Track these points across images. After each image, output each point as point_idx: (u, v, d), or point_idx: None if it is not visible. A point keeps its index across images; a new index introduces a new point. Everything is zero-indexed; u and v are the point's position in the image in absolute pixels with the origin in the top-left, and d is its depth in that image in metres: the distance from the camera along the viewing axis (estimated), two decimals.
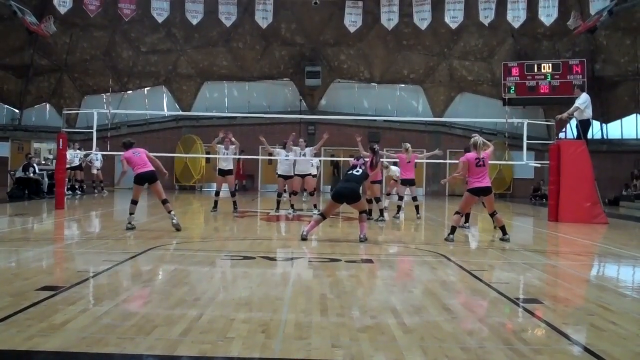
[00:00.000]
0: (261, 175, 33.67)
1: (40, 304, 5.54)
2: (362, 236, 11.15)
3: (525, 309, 5.98)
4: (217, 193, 17.87)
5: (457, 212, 11.74)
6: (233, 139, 17.51)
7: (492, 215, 12.19)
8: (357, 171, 11.50)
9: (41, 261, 8.60)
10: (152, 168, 12.65)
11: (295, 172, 17.39)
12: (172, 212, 12.11)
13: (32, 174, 22.02)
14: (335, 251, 9.86)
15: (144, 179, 12.69)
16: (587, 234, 13.78)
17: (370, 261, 8.81)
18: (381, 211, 15.71)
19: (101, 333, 4.70)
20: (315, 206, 17.42)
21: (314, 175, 18.90)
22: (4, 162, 32.00)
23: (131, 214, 12.34)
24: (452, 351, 4.48)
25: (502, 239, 11.64)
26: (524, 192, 31.47)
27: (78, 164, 24.81)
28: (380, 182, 16.43)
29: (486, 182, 11.64)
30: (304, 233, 11.06)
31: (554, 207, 16.72)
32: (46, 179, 22.97)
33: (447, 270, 8.18)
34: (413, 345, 4.57)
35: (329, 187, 32.31)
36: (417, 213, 16.79)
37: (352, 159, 12.14)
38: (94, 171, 26.17)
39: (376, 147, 14.02)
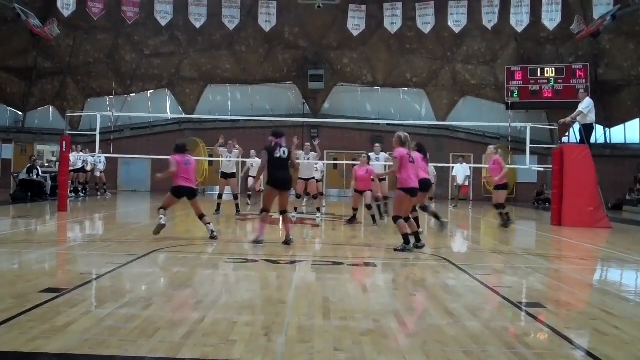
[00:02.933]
0: (264, 179, 33.62)
1: (42, 306, 5.54)
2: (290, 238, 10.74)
3: (528, 313, 5.97)
4: (220, 196, 17.88)
5: (395, 217, 10.33)
6: (237, 146, 17.58)
7: (423, 208, 12.48)
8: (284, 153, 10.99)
9: (44, 263, 8.61)
10: (194, 185, 11.99)
11: (299, 176, 17.37)
12: (210, 225, 11.53)
13: (35, 177, 22.05)
14: (338, 254, 9.85)
15: (184, 194, 11.53)
16: (590, 239, 13.76)
17: (373, 264, 8.81)
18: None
19: (104, 335, 4.70)
20: (318, 209, 17.39)
21: (318, 180, 19.05)
22: (7, 164, 32.06)
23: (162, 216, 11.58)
24: (455, 355, 4.47)
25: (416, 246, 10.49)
26: (527, 196, 31.40)
27: (81, 166, 24.84)
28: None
29: (416, 182, 10.55)
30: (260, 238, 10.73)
31: (557, 211, 16.69)
32: (49, 181, 22.98)
33: (449, 274, 8.17)
34: (415, 349, 4.57)
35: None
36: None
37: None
38: (97, 174, 26.21)
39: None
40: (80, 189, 24.94)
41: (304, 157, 17.31)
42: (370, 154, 16.65)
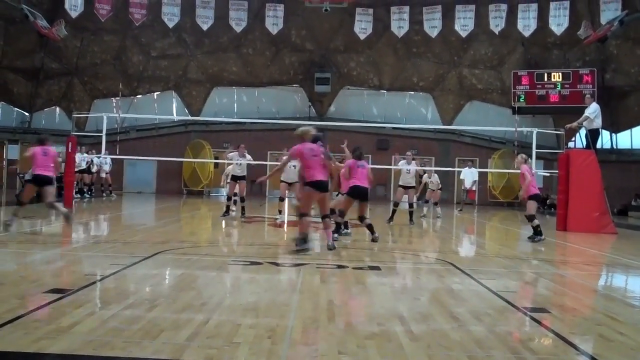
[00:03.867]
0: (269, 181, 33.64)
1: (47, 307, 5.55)
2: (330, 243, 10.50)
3: (532, 318, 5.96)
4: (229, 198, 17.87)
5: (302, 214, 10.45)
6: (247, 155, 17.63)
7: (335, 211, 11.93)
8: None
9: (49, 264, 8.62)
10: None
11: (283, 179, 17.33)
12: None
13: None
14: (343, 258, 9.85)
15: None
16: (595, 244, 13.72)
17: (377, 268, 8.79)
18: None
19: (108, 336, 4.70)
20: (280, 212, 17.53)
21: None
22: (13, 164, 32.12)
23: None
24: (459, 359, 4.46)
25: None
26: None
27: (86, 167, 24.88)
28: None
29: (322, 177, 10.48)
30: (330, 244, 10.48)
31: (562, 217, 16.65)
32: (55, 182, 22.97)
33: (454, 278, 8.16)
34: (420, 353, 4.56)
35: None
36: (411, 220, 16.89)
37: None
38: (103, 175, 26.26)
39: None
40: (85, 190, 24.97)
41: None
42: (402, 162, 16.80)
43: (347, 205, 12.27)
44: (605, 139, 30.45)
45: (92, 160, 24.90)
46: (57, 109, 34.36)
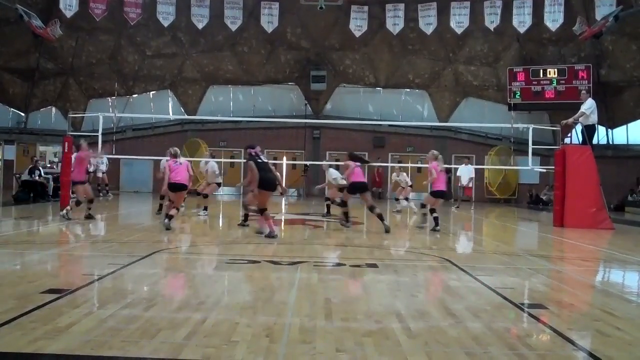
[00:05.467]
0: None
1: (44, 307, 5.54)
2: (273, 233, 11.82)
3: (530, 314, 5.96)
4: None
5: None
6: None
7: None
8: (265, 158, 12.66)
9: (46, 264, 8.61)
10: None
11: None
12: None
13: (37, 177, 22.07)
14: (340, 255, 9.85)
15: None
16: (592, 240, 13.74)
17: (374, 265, 8.79)
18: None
19: (105, 336, 4.70)
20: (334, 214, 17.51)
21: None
22: (9, 165, 32.12)
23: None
24: (457, 356, 4.46)
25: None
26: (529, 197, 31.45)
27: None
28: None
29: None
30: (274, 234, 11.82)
31: (559, 213, 16.66)
32: (51, 182, 23.00)
33: (451, 275, 8.16)
34: (418, 350, 4.56)
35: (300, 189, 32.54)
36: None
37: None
38: (100, 174, 26.21)
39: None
40: None
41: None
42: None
43: (347, 196, 14.45)
44: (601, 135, 30.47)
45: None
46: (53, 109, 34.32)
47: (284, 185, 13.33)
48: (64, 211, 14.69)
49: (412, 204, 21.60)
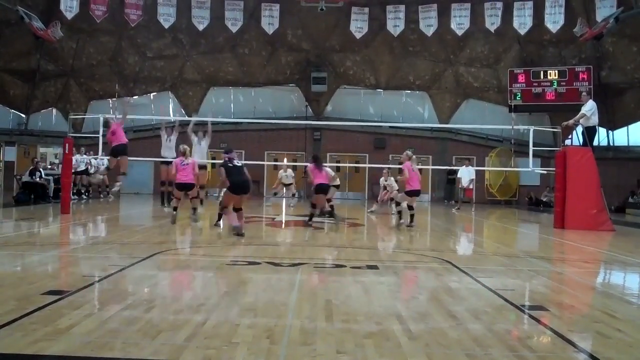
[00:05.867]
0: (266, 181, 33.62)
1: (45, 308, 5.54)
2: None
3: (530, 316, 5.96)
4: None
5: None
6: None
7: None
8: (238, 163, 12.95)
9: (47, 265, 8.61)
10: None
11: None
12: None
13: (38, 179, 22.06)
14: (341, 257, 9.85)
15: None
16: (593, 241, 13.73)
17: (375, 267, 8.78)
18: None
19: (106, 338, 4.70)
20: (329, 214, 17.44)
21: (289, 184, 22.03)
22: (10, 166, 32.12)
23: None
24: (458, 358, 4.46)
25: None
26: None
27: (84, 168, 24.84)
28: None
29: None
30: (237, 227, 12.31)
31: (559, 214, 16.64)
32: (52, 184, 22.99)
33: (452, 276, 8.16)
34: (418, 352, 4.56)
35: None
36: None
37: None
38: (100, 176, 26.21)
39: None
40: (83, 191, 24.95)
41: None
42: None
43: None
44: (601, 136, 30.47)
45: (90, 162, 24.87)
46: (54, 110, 34.32)
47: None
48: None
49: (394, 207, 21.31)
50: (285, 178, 23.23)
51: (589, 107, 16.94)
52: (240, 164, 12.88)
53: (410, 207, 15.41)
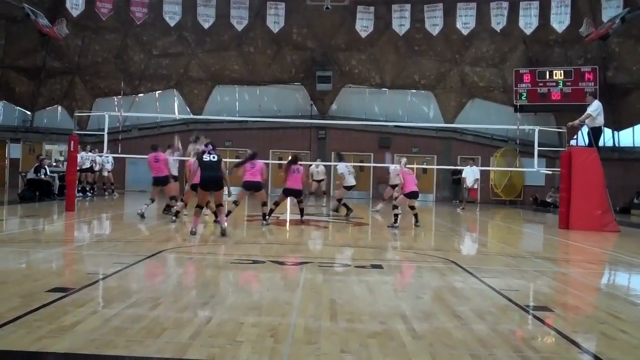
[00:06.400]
0: (271, 180, 33.58)
1: (50, 306, 5.55)
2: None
3: (535, 317, 5.95)
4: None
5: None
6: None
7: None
8: (214, 157, 12.19)
9: (51, 263, 8.63)
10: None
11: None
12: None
13: (43, 176, 22.10)
14: (345, 256, 9.85)
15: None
16: (598, 242, 13.71)
17: (379, 267, 8.79)
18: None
19: (110, 335, 4.71)
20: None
21: (320, 181, 21.54)
22: (15, 163, 32.16)
23: None
24: (462, 358, 4.46)
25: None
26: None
27: (89, 166, 24.89)
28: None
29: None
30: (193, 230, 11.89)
31: (564, 215, 16.61)
32: (57, 181, 23.04)
33: (456, 276, 8.16)
34: (422, 352, 4.56)
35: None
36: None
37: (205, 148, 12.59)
38: (105, 173, 26.27)
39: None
40: (87, 188, 24.99)
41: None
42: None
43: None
44: (607, 137, 30.39)
45: (94, 159, 24.92)
46: (59, 107, 34.33)
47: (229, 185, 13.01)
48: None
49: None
50: (316, 174, 22.21)
51: (595, 108, 16.89)
52: (216, 159, 12.18)
53: (412, 207, 15.52)
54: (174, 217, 14.62)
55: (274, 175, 29.66)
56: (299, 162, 16.18)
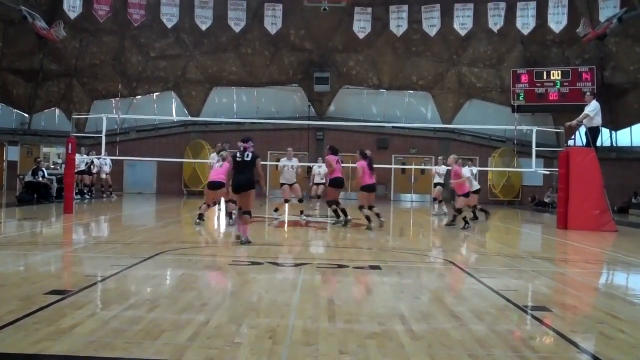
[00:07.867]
0: (269, 181, 33.57)
1: (48, 308, 5.55)
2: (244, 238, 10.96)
3: (533, 317, 5.96)
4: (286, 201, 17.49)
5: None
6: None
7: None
8: (248, 156, 11.30)
9: (49, 265, 8.62)
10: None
11: (282, 181, 17.24)
12: None
13: (41, 178, 22.08)
14: (343, 257, 9.85)
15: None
16: (596, 242, 13.71)
17: (378, 267, 8.78)
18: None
19: (109, 337, 4.71)
20: (301, 212, 17.27)
21: (321, 183, 21.02)
22: (13, 166, 32.15)
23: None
24: (460, 358, 4.46)
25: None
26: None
27: (84, 168, 24.83)
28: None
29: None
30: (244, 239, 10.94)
31: (562, 215, 16.63)
32: (55, 183, 23.02)
33: (455, 277, 8.16)
34: (421, 352, 4.56)
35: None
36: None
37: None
38: (103, 176, 26.25)
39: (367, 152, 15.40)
40: (85, 191, 24.96)
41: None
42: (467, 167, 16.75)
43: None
44: (605, 137, 30.46)
45: (92, 161, 24.87)
46: (57, 110, 34.35)
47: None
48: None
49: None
50: (318, 175, 21.81)
51: (592, 108, 16.91)
52: (249, 158, 11.23)
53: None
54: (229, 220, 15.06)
55: (273, 175, 29.69)
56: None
